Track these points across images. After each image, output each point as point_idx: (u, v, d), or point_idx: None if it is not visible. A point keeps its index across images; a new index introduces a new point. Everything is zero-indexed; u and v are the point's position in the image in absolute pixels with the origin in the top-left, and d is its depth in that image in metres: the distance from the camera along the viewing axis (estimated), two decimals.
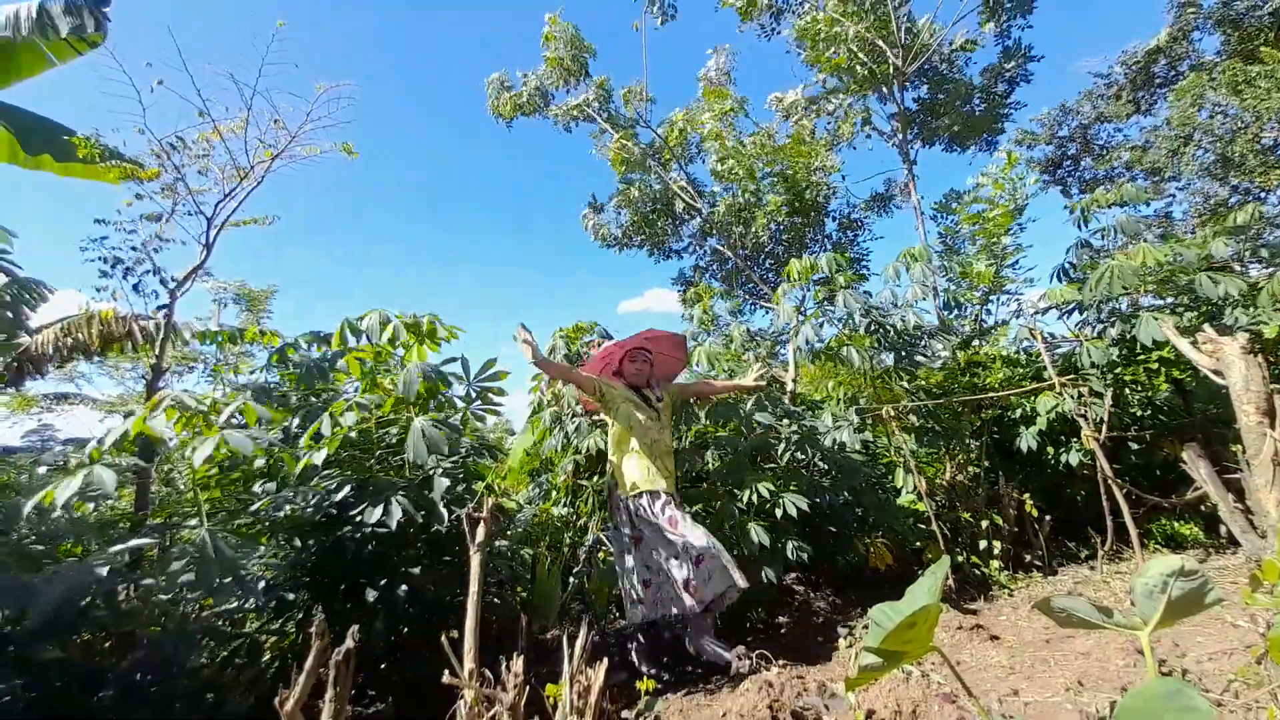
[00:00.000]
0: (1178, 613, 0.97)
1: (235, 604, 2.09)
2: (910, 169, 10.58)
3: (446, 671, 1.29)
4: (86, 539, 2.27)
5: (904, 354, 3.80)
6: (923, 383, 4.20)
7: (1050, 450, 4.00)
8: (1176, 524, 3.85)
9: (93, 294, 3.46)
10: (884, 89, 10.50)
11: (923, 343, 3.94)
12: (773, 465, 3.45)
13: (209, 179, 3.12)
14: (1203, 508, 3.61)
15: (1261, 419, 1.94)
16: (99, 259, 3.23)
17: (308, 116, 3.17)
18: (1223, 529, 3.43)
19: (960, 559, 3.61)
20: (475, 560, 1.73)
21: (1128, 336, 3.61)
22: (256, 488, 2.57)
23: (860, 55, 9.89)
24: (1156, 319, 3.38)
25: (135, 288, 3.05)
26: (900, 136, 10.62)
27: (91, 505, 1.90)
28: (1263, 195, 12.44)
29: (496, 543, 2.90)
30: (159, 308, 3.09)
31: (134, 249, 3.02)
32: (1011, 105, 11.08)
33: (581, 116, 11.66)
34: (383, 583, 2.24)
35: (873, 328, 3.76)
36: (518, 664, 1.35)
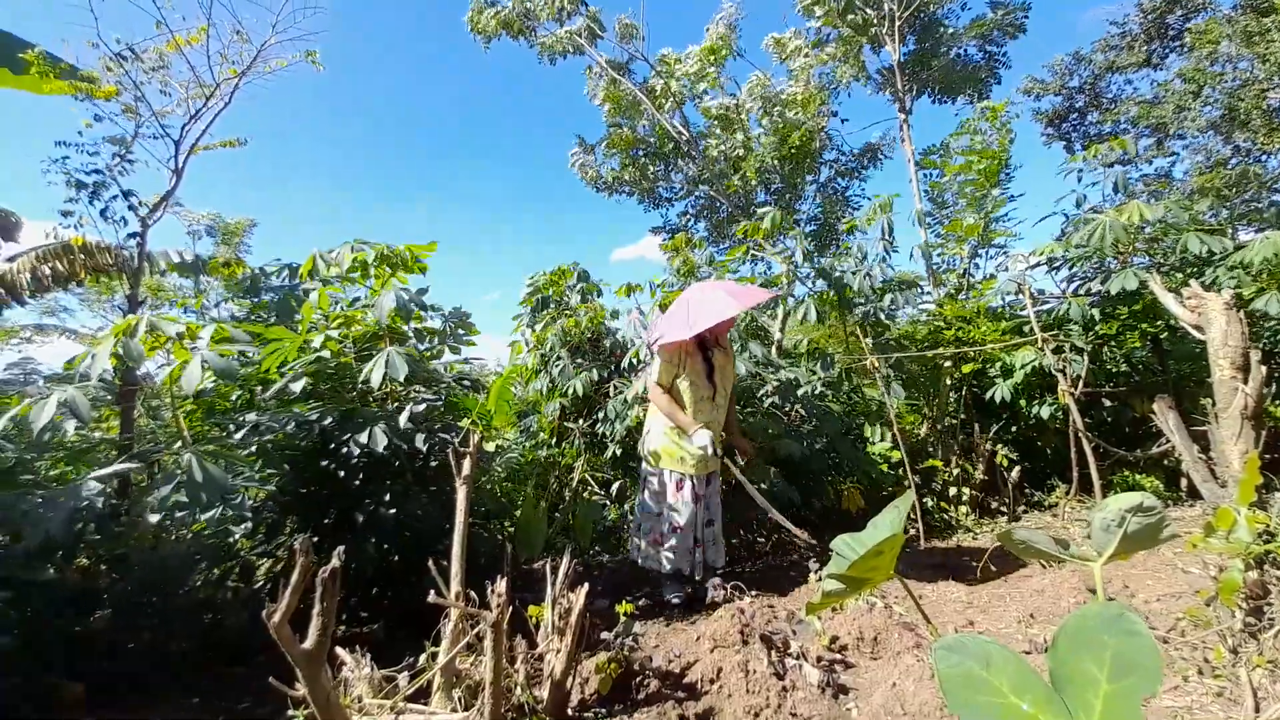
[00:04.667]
0: (1133, 546, 1.00)
1: (225, 524, 2.13)
2: (906, 120, 10.25)
3: (432, 592, 1.34)
4: (71, 466, 2.28)
5: (865, 310, 3.93)
6: (896, 335, 4.26)
7: (1023, 403, 4.09)
8: (1139, 477, 4.01)
9: (60, 220, 3.32)
10: (879, 38, 10.09)
11: (886, 299, 3.98)
12: (753, 410, 3.52)
13: (172, 99, 2.93)
14: (1165, 462, 3.75)
15: (1236, 374, 1.98)
16: (65, 183, 3.08)
17: (273, 29, 2.95)
18: (1183, 483, 3.58)
19: (929, 504, 3.75)
20: (461, 492, 1.78)
21: (1109, 293, 3.63)
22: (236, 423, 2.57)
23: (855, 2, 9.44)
24: (1138, 275, 3.39)
25: (103, 213, 2.91)
26: (897, 84, 10.22)
27: (71, 428, 1.89)
28: (1263, 157, 12.30)
29: (483, 479, 2.95)
30: (130, 235, 2.97)
31: (97, 172, 2.86)
32: (1000, 60, 10.95)
33: (571, 48, 11.03)
34: (370, 507, 2.29)
35: (823, 284, 3.88)
36: (501, 585, 1.40)
